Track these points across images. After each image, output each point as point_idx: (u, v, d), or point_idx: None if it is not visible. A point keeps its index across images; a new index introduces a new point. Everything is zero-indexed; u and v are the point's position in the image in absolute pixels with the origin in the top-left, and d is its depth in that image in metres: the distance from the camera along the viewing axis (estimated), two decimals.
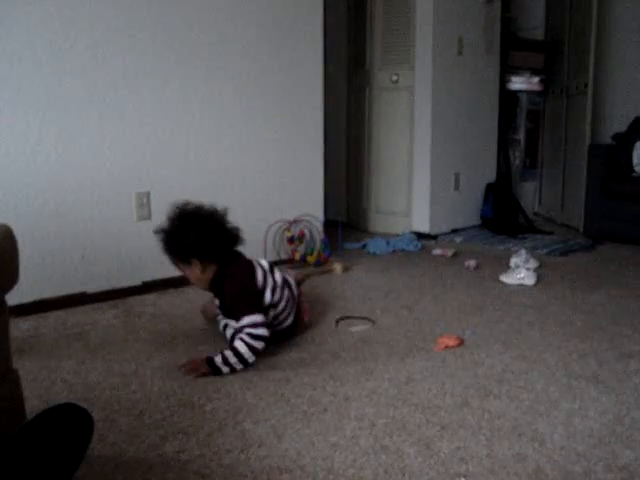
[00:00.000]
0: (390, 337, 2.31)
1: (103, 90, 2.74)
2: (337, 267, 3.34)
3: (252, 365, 1.98)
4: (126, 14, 2.78)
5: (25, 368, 1.98)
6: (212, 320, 2.37)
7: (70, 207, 2.70)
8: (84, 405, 1.70)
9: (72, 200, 2.70)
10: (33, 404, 1.75)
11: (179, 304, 2.73)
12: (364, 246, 3.95)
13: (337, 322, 2.44)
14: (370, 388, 1.87)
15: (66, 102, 2.64)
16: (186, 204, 2.16)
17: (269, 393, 1.83)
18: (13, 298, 2.45)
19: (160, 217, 2.96)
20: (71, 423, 1.23)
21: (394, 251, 3.85)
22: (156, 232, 2.15)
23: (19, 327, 2.40)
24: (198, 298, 2.75)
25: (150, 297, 2.84)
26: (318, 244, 3.58)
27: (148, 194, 2.95)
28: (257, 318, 2.00)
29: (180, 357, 2.09)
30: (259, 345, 1.97)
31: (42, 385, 1.89)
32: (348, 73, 4.75)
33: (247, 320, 1.99)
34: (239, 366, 1.96)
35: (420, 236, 4.16)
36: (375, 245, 3.88)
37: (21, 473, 1.07)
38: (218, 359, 1.95)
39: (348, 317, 2.51)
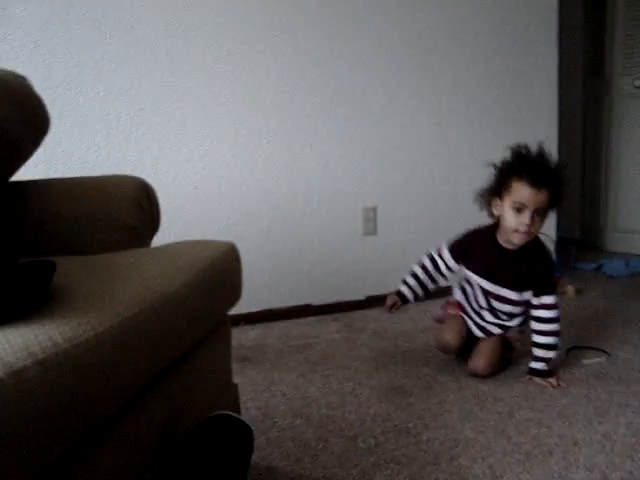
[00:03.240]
0: (628, 374, 2.00)
1: (332, 105, 2.77)
2: (569, 290, 3.02)
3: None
4: (361, 32, 2.78)
5: (248, 377, 2.05)
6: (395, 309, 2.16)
7: (298, 221, 2.76)
8: (300, 422, 1.72)
9: (300, 214, 2.75)
10: (252, 414, 1.77)
11: (401, 322, 2.64)
12: (599, 267, 3.54)
13: (568, 352, 2.18)
14: (603, 432, 1.61)
15: (294, 119, 2.71)
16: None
17: (489, 427, 1.66)
18: (243, 307, 2.57)
19: (386, 232, 2.96)
20: (230, 435, 1.18)
21: (634, 274, 3.39)
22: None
23: (247, 335, 2.50)
24: (420, 316, 2.65)
25: (372, 312, 2.80)
26: None
27: (375, 209, 2.92)
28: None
29: (400, 379, 2.00)
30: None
31: (262, 396, 1.91)
32: (583, 81, 4.33)
33: (553, 299, 1.95)
34: (552, 353, 1.95)
35: None
36: (612, 266, 3.46)
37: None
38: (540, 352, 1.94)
39: (580, 347, 2.23)
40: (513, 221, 1.86)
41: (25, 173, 1.54)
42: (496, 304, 2.02)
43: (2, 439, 0.65)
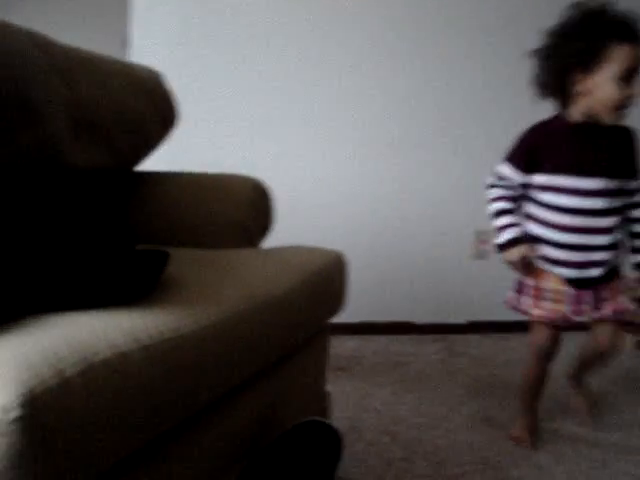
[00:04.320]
0: None
1: (455, 124, 2.73)
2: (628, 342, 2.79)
3: None
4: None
5: (342, 387, 2.05)
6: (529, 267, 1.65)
7: (407, 238, 2.73)
8: (387, 439, 1.69)
9: (410, 232, 2.73)
10: (340, 425, 1.76)
11: (501, 350, 2.56)
12: None
13: None
14: None
15: (417, 135, 2.69)
16: None
17: (581, 473, 1.57)
18: (345, 317, 2.58)
19: (496, 256, 2.88)
20: (320, 440, 1.18)
21: None
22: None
23: (346, 345, 2.50)
24: (523, 347, 2.55)
25: (474, 338, 2.73)
26: None
27: (488, 233, 2.85)
28: None
29: (493, 409, 1.94)
30: None
31: (353, 408, 1.91)
32: None
33: None
34: None
35: None
36: None
37: None
38: None
39: None
40: (617, 94, 1.47)
41: (149, 164, 1.62)
42: (588, 202, 1.54)
43: (104, 414, 0.67)
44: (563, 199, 1.55)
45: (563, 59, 1.52)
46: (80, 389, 0.63)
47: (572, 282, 1.60)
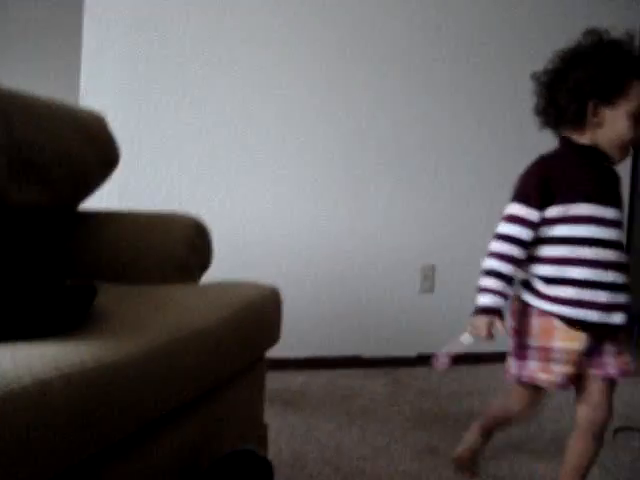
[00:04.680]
0: None
1: (398, 162, 2.83)
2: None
3: None
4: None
5: (287, 421, 2.07)
6: None
7: (355, 272, 2.80)
8: (329, 470, 1.72)
9: (357, 266, 2.80)
10: (284, 457, 1.80)
11: (449, 383, 2.62)
12: None
13: (615, 432, 2.09)
14: None
15: (361, 172, 2.78)
16: None
17: None
18: (293, 351, 2.62)
19: (443, 291, 2.96)
20: (251, 470, 1.21)
21: None
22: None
23: (294, 380, 2.53)
24: (469, 379, 2.62)
25: (422, 370, 2.78)
26: None
27: (433, 267, 2.93)
28: None
29: (437, 440, 1.98)
30: None
31: (297, 441, 1.93)
32: None
33: None
34: None
35: None
36: None
37: None
38: None
39: (629, 428, 2.14)
40: (629, 132, 1.39)
41: (99, 202, 1.66)
42: (606, 233, 1.39)
43: (21, 442, 0.70)
44: (581, 230, 1.38)
45: (580, 84, 1.40)
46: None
47: (592, 331, 1.39)
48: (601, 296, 1.36)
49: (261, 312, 1.31)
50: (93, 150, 1.50)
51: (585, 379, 1.46)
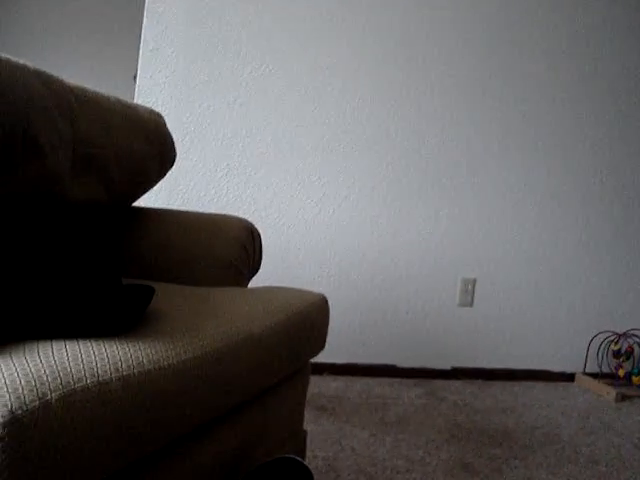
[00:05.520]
0: None
1: (444, 176, 2.81)
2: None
3: None
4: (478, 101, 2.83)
5: (322, 427, 2.07)
6: None
7: (395, 282, 2.79)
8: (364, 479, 1.72)
9: (398, 276, 2.79)
10: (317, 464, 1.80)
11: (483, 398, 2.59)
12: None
13: None
14: None
15: (407, 184, 2.77)
16: None
17: None
18: (329, 357, 2.62)
19: (482, 305, 2.93)
20: (292, 477, 1.21)
21: None
22: None
23: (329, 386, 2.53)
24: (504, 396, 2.59)
25: (456, 384, 2.76)
26: None
27: (474, 281, 2.91)
28: None
29: (470, 456, 1.96)
30: None
31: (331, 448, 1.93)
32: None
33: None
34: None
35: None
36: None
37: None
38: None
39: None
40: None
41: (148, 200, 1.68)
42: None
43: (78, 439, 0.72)
44: None
45: None
46: (61, 413, 0.68)
47: None
48: None
49: (310, 320, 1.31)
50: (151, 148, 1.52)
51: None
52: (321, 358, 2.64)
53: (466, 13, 2.78)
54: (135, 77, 2.70)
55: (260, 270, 1.72)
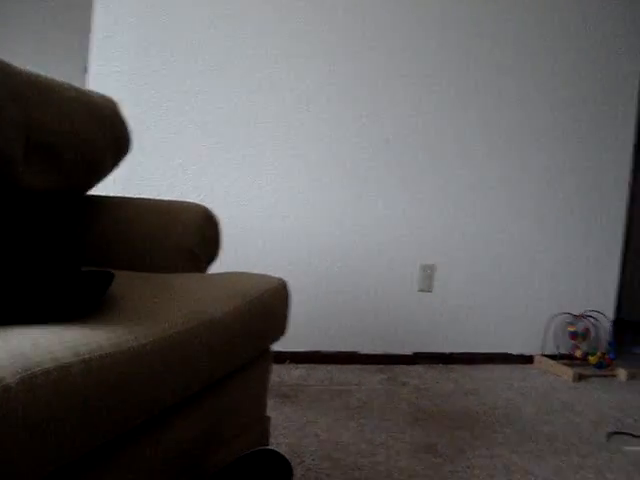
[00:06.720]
0: None
1: (402, 161, 2.83)
2: (621, 373, 2.94)
3: None
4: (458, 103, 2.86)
5: (285, 414, 2.07)
6: None
7: (355, 269, 2.80)
8: (328, 465, 1.73)
9: (359, 262, 2.80)
10: (283, 450, 1.80)
11: (444, 381, 2.63)
12: None
13: (609, 436, 2.11)
14: None
15: (365, 169, 2.78)
16: None
17: None
18: (291, 345, 2.62)
19: (442, 291, 2.97)
20: (270, 470, 1.21)
21: None
22: None
23: (291, 374, 2.53)
24: (465, 379, 2.63)
25: (418, 369, 2.79)
26: (603, 344, 3.21)
27: (433, 267, 2.94)
28: None
29: (433, 438, 1.99)
30: None
31: (295, 434, 1.94)
32: None
33: None
34: None
35: None
36: None
37: None
38: None
39: (623, 433, 2.16)
40: None
41: (103, 191, 1.65)
42: None
43: (41, 425, 0.70)
44: None
45: None
46: (20, 397, 0.67)
47: None
48: None
49: (270, 304, 1.31)
50: (106, 135, 1.49)
51: None
52: (283, 346, 2.64)
53: None
54: (86, 68, 2.64)
55: (220, 258, 1.71)
